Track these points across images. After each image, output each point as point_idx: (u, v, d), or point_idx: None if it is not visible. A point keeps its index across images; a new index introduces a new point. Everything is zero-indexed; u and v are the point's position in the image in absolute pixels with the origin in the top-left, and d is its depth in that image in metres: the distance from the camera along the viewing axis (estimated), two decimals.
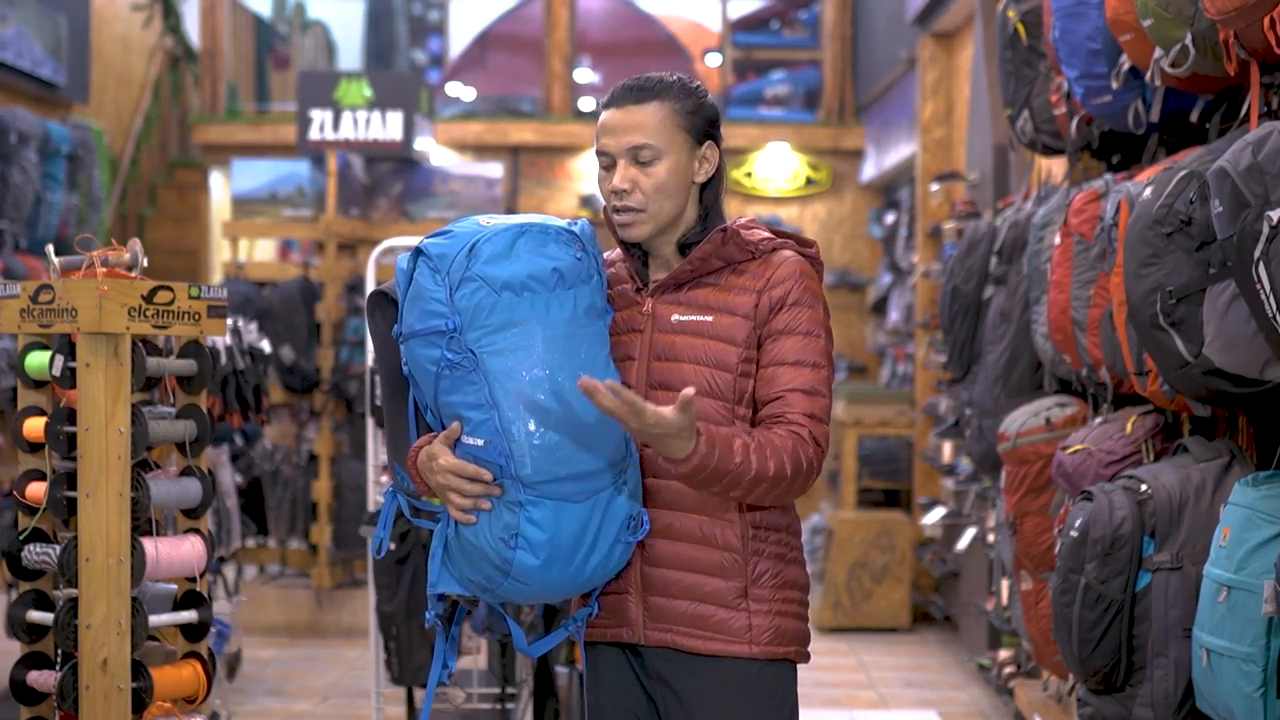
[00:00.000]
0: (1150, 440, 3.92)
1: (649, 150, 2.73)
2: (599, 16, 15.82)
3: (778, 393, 2.71)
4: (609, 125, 2.75)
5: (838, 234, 12.48)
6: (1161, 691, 3.43)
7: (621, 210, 2.75)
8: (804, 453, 2.67)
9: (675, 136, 2.75)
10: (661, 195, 2.74)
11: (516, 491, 2.62)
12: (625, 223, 2.75)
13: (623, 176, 2.73)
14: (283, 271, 8.87)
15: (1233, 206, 2.83)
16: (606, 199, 2.77)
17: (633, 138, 2.73)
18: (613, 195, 2.74)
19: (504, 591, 2.69)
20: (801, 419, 2.69)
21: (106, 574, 3.32)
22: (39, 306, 3.38)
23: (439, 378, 2.64)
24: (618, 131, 2.74)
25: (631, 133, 2.73)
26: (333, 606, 8.13)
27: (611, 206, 2.76)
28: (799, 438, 2.67)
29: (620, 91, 2.77)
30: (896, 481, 9.66)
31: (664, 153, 2.74)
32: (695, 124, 2.77)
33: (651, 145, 2.73)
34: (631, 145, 2.73)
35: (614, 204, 2.75)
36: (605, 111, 2.78)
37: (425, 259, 2.66)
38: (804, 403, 2.70)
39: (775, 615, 2.76)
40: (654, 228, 2.76)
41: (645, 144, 2.73)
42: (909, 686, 7.10)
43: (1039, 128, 5.12)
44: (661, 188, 2.73)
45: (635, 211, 2.74)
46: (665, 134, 2.74)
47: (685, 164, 2.76)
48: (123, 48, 11.86)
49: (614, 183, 2.74)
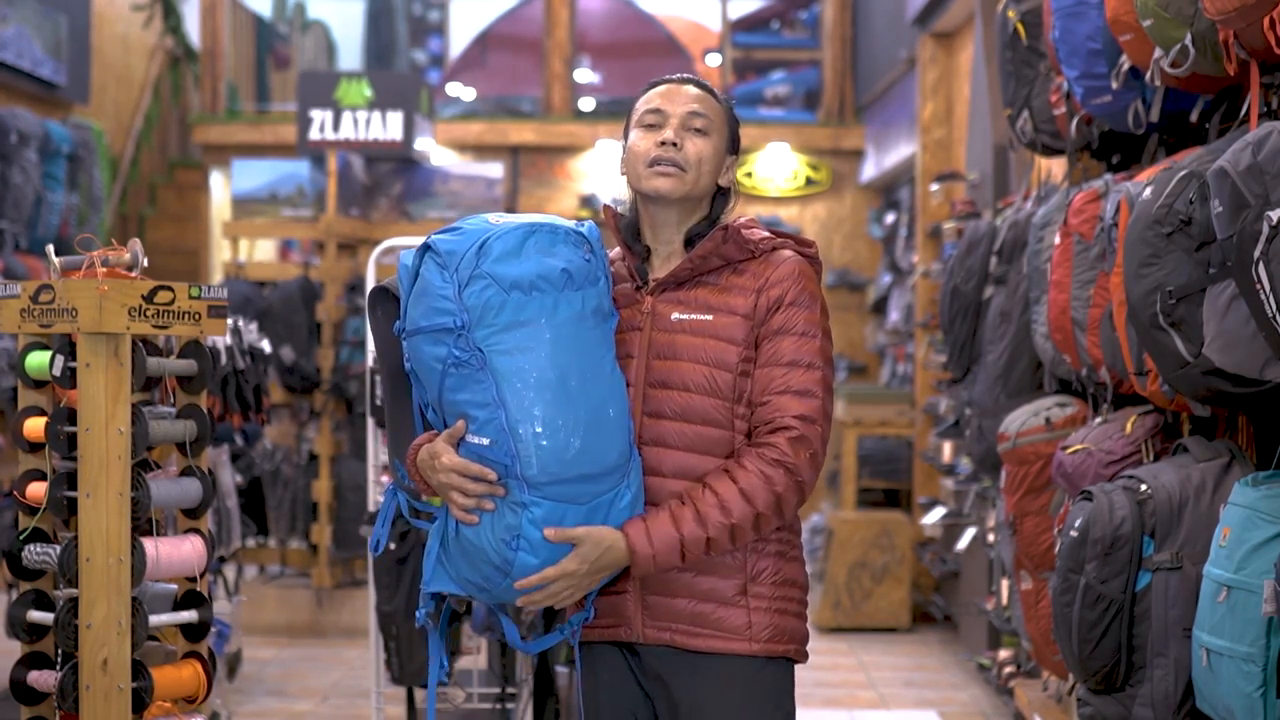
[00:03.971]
0: (1150, 440, 3.92)
1: (704, 120, 2.81)
2: (599, 16, 15.82)
3: (768, 396, 2.72)
4: (668, 93, 2.83)
5: (838, 234, 12.48)
6: (1161, 691, 3.43)
7: (665, 163, 2.77)
8: (778, 473, 2.68)
9: (721, 130, 2.85)
10: (702, 165, 2.80)
11: (520, 492, 2.61)
12: (665, 173, 2.78)
13: (676, 133, 2.79)
14: (283, 271, 8.87)
15: (1233, 206, 2.83)
16: (644, 156, 2.79)
17: (694, 106, 2.81)
18: (660, 147, 2.78)
19: (501, 592, 2.69)
20: (789, 421, 2.70)
21: (106, 574, 3.32)
22: (39, 306, 3.38)
23: (445, 375, 2.63)
24: (678, 99, 2.82)
25: (692, 103, 2.81)
26: (333, 606, 8.13)
27: (653, 159, 2.78)
28: (771, 460, 2.68)
29: (679, 76, 2.87)
30: (896, 481, 9.67)
31: (712, 134, 2.82)
32: (732, 131, 2.88)
33: (709, 118, 2.81)
34: (691, 111, 2.81)
35: (659, 155, 2.78)
36: (660, 86, 2.85)
37: (433, 255, 2.65)
38: (795, 405, 2.71)
39: (775, 613, 2.76)
40: (686, 190, 2.79)
41: (705, 114, 2.81)
42: (909, 686, 7.10)
43: (1039, 128, 5.12)
44: (704, 159, 2.80)
45: (678, 169, 2.78)
46: (716, 120, 2.83)
47: (720, 157, 2.84)
48: (123, 48, 11.86)
49: (666, 134, 2.78)
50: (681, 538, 2.66)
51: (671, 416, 2.73)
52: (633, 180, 2.82)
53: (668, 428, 2.73)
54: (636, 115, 2.84)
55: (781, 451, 2.69)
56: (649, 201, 2.82)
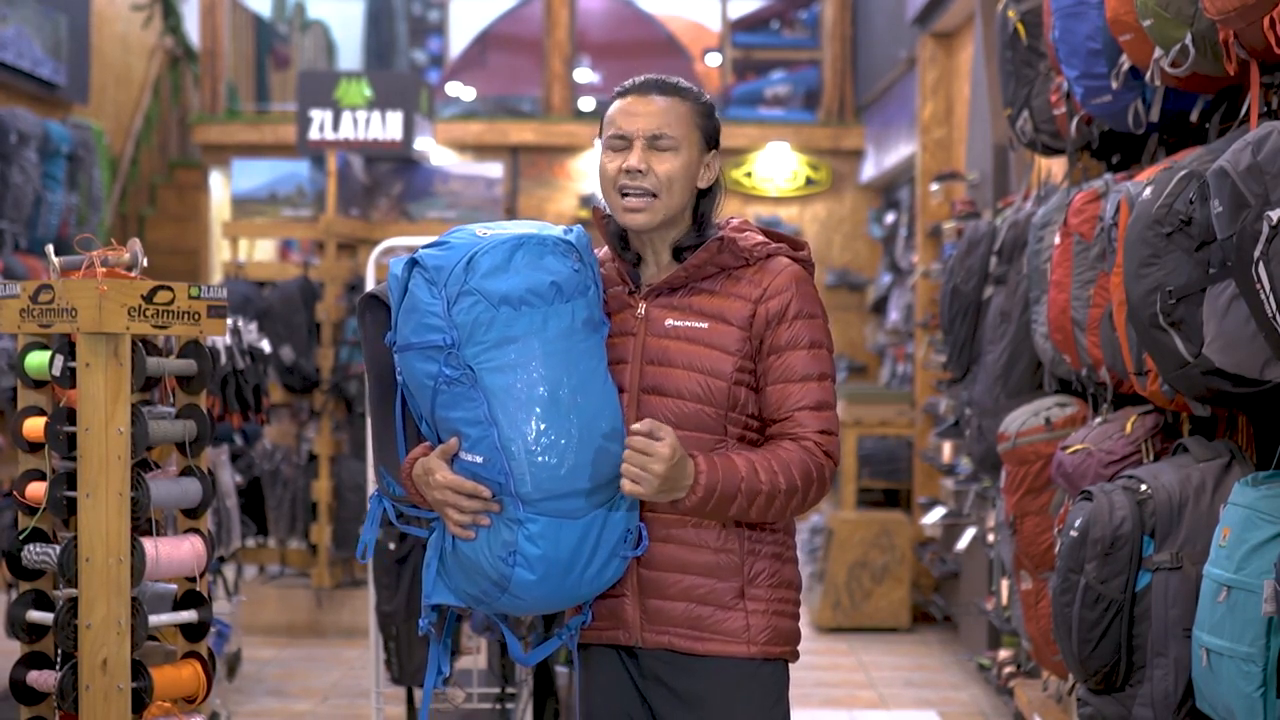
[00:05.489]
0: (1150, 440, 3.92)
1: (668, 139, 2.74)
2: (599, 16, 15.83)
3: (787, 413, 2.72)
4: (630, 109, 2.75)
5: (838, 234, 12.48)
6: (1161, 691, 3.43)
7: (633, 193, 2.73)
8: (814, 463, 2.69)
9: (691, 135, 2.77)
10: (673, 185, 2.74)
11: (515, 509, 2.60)
12: (635, 207, 2.73)
13: (640, 157, 2.72)
14: (283, 271, 8.87)
15: (1233, 206, 2.82)
16: (612, 181, 2.74)
17: (655, 123, 2.74)
18: (625, 175, 2.73)
19: (500, 605, 2.69)
20: (814, 436, 2.71)
21: (106, 574, 3.32)
22: (39, 306, 3.38)
23: (436, 392, 2.62)
24: (640, 116, 2.74)
25: (654, 119, 2.74)
26: (333, 606, 8.12)
27: (620, 188, 2.74)
28: (808, 450, 2.69)
29: (642, 82, 2.78)
30: (896, 481, 9.66)
31: (680, 146, 2.75)
32: (707, 129, 2.80)
33: (672, 135, 2.74)
34: (653, 131, 2.73)
35: (625, 184, 2.73)
36: (624, 98, 2.77)
37: (421, 270, 2.63)
38: (814, 420, 2.72)
39: (772, 615, 2.76)
40: (661, 217, 2.74)
41: (666, 133, 2.74)
42: (909, 686, 7.10)
43: (1039, 128, 5.12)
44: (674, 178, 2.74)
45: (648, 196, 2.73)
46: (684, 129, 2.75)
47: (695, 163, 2.77)
48: (123, 48, 11.86)
49: (630, 161, 2.72)
50: (742, 479, 2.64)
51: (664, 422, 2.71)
52: (607, 203, 2.79)
53: None
54: (604, 131, 2.79)
55: (813, 450, 2.71)
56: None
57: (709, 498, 2.63)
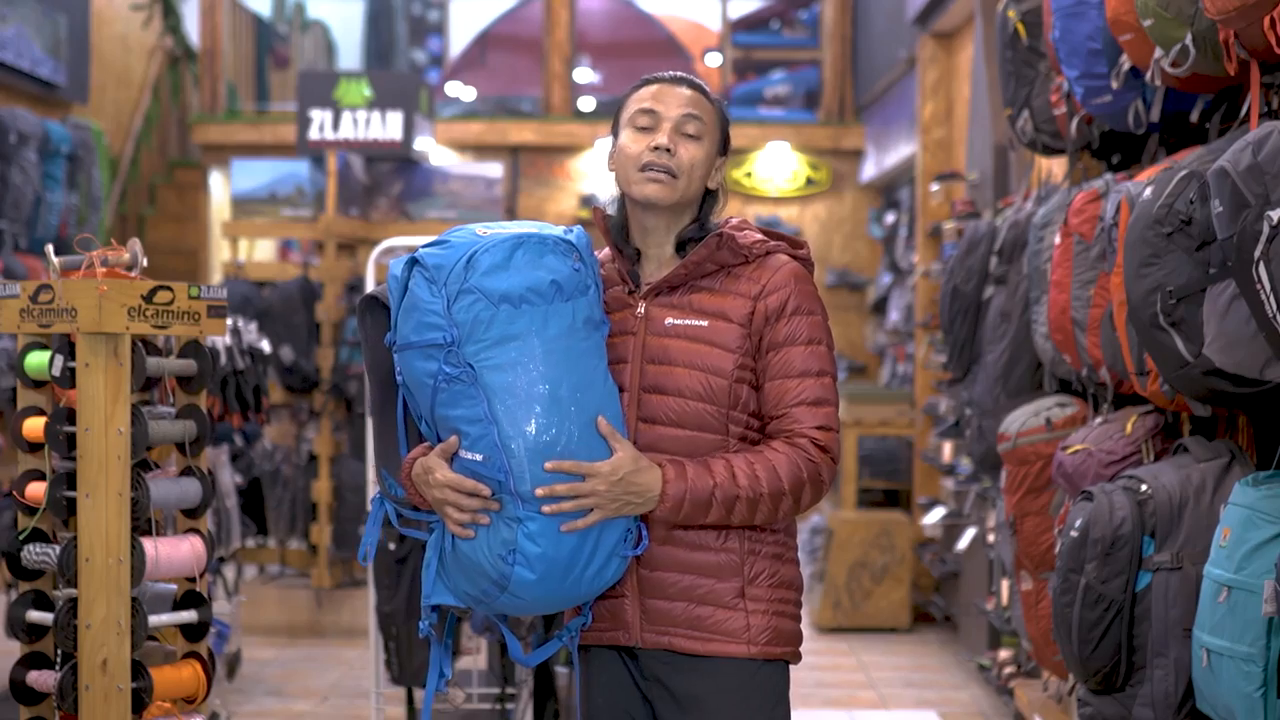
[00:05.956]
0: (1150, 440, 3.92)
1: (698, 125, 2.77)
2: (599, 16, 15.82)
3: (784, 408, 2.72)
4: (661, 94, 2.79)
5: (838, 234, 12.48)
6: (1161, 691, 3.43)
7: (658, 169, 2.74)
8: (805, 463, 2.69)
9: (713, 132, 2.81)
10: (694, 171, 2.76)
11: (515, 507, 2.60)
12: (657, 179, 2.74)
13: (670, 137, 2.75)
14: (283, 271, 8.87)
15: (1233, 206, 2.82)
16: (636, 159, 2.75)
17: (687, 109, 2.77)
18: (652, 151, 2.74)
19: (500, 605, 2.68)
20: (810, 433, 2.71)
21: (106, 574, 3.32)
22: (39, 306, 3.38)
23: (436, 391, 2.62)
24: (671, 100, 2.78)
25: (686, 105, 2.77)
26: (332, 606, 8.13)
27: (646, 164, 2.75)
28: (801, 450, 2.69)
29: (673, 76, 2.82)
30: (896, 481, 9.66)
31: (704, 136, 2.78)
32: (724, 133, 2.84)
33: (702, 121, 2.78)
34: (685, 114, 2.77)
35: (651, 160, 2.74)
36: (653, 85, 2.80)
37: (421, 269, 2.63)
38: (811, 415, 2.72)
39: (772, 615, 2.76)
40: (678, 198, 2.76)
41: (699, 117, 2.77)
42: (909, 686, 7.10)
43: (1039, 128, 5.12)
44: (696, 164, 2.76)
45: (670, 175, 2.74)
46: (709, 123, 2.79)
47: (711, 159, 2.80)
48: (123, 48, 11.85)
49: (659, 139, 2.74)
50: (715, 485, 2.65)
51: (666, 422, 2.72)
52: (622, 182, 2.79)
53: (662, 433, 2.72)
54: (628, 113, 2.80)
55: (807, 448, 2.71)
56: (638, 206, 2.79)
57: (678, 507, 2.64)
